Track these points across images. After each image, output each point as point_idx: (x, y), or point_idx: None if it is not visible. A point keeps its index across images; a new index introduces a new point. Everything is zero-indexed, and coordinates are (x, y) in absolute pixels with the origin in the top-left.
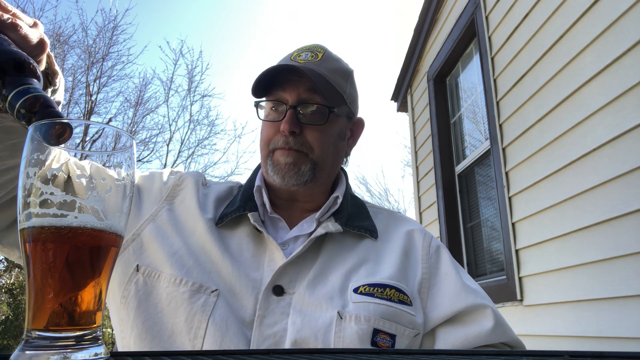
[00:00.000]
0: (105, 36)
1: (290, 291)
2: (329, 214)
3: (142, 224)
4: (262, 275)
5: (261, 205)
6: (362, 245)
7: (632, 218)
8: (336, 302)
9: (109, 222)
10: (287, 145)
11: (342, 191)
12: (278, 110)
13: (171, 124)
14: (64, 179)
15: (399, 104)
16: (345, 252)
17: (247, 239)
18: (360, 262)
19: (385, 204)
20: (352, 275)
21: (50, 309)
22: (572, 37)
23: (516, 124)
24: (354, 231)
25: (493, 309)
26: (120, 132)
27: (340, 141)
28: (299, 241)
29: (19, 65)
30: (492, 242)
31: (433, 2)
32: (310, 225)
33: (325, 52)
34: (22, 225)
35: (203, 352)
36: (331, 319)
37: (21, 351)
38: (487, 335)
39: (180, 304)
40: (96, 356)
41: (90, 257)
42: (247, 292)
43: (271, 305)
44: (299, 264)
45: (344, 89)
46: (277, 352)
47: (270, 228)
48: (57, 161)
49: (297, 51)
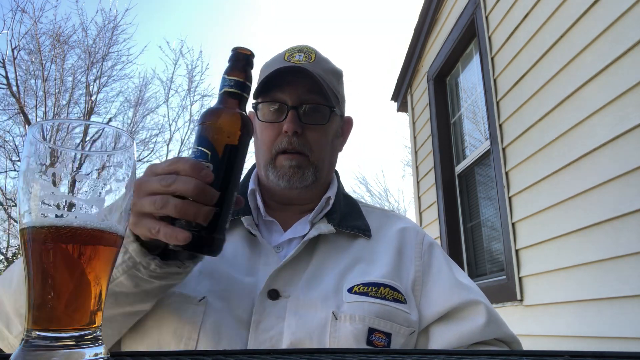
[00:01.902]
0: (105, 36)
1: (286, 294)
2: (322, 215)
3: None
4: (257, 279)
5: (255, 208)
6: (356, 244)
7: (632, 218)
8: (331, 302)
9: (109, 222)
10: (290, 146)
11: (334, 192)
12: (278, 112)
13: (171, 124)
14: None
15: (399, 104)
16: (339, 252)
17: (241, 242)
18: (354, 262)
19: (385, 204)
20: (346, 275)
21: (50, 309)
22: (572, 37)
23: (516, 124)
24: (347, 231)
25: (486, 305)
26: (120, 132)
27: (336, 140)
28: (292, 244)
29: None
30: (492, 242)
31: (433, 2)
32: (304, 227)
33: (317, 53)
34: (22, 225)
35: (203, 352)
36: (326, 320)
37: (21, 351)
38: (481, 331)
39: (166, 317)
40: (96, 356)
41: (90, 257)
42: (243, 297)
43: (267, 310)
44: (293, 266)
45: (337, 89)
46: (277, 352)
47: (265, 231)
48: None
49: (288, 52)
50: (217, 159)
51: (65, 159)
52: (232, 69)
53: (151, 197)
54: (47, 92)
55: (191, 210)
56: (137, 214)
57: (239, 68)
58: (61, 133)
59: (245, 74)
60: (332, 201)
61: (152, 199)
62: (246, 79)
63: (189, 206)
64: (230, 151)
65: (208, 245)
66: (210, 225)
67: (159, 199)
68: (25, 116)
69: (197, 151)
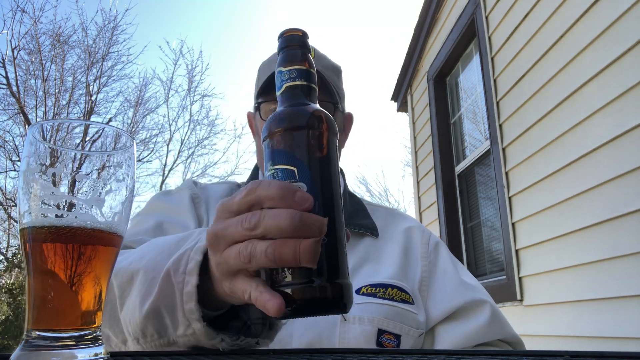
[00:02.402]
0: (105, 36)
1: None
2: None
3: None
4: None
5: None
6: (362, 243)
7: (632, 218)
8: None
9: (109, 222)
10: None
11: None
12: None
13: (171, 124)
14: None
15: (399, 104)
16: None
17: None
18: (361, 262)
19: (386, 204)
20: (354, 275)
21: (50, 309)
22: (572, 37)
23: (516, 124)
24: (355, 230)
25: (491, 304)
26: (120, 132)
27: (340, 137)
28: None
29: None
30: (492, 242)
31: (433, 2)
32: None
33: (315, 50)
34: (22, 225)
35: (203, 352)
36: (334, 322)
37: (21, 351)
38: (485, 330)
39: None
40: (96, 356)
41: (90, 257)
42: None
43: None
44: None
45: (338, 85)
46: (277, 352)
47: None
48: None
49: None
50: (307, 174)
51: (65, 159)
52: (288, 58)
53: (235, 246)
54: (47, 92)
55: (290, 252)
56: (224, 274)
57: (297, 55)
58: (61, 133)
59: (306, 60)
60: None
61: (236, 251)
62: (309, 65)
63: (287, 248)
64: (321, 160)
65: (332, 300)
66: (328, 268)
67: (243, 249)
68: (25, 116)
69: (276, 172)
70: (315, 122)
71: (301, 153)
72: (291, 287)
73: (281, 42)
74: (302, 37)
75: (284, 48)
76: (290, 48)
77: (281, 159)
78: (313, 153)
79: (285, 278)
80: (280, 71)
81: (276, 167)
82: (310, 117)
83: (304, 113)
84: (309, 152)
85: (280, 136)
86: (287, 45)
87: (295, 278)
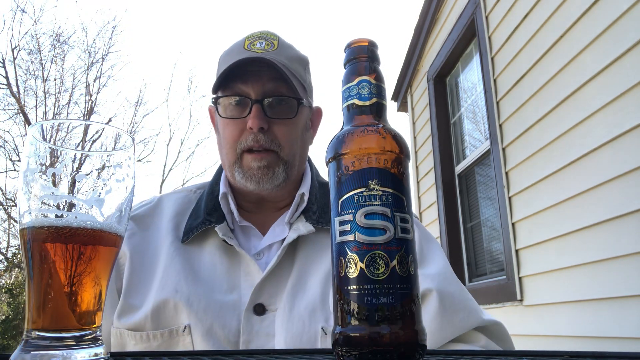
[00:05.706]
0: (105, 36)
1: (272, 307)
2: (298, 213)
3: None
4: (240, 294)
5: (228, 213)
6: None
7: (632, 218)
8: (318, 315)
9: (109, 222)
10: (257, 144)
11: (307, 186)
12: (240, 106)
13: (171, 124)
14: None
15: (399, 104)
16: (321, 252)
17: (218, 253)
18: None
19: None
20: (330, 279)
21: (50, 309)
22: (572, 37)
23: (516, 124)
24: (327, 227)
25: (438, 291)
26: (120, 132)
27: (306, 133)
28: (273, 249)
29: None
30: (492, 242)
31: (433, 2)
32: (282, 229)
33: (279, 40)
34: (22, 225)
35: (203, 353)
36: (315, 335)
37: (21, 351)
38: (438, 324)
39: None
40: (96, 356)
41: (90, 257)
42: (227, 317)
43: (254, 327)
44: (276, 276)
45: (304, 77)
46: (277, 352)
47: (242, 237)
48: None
49: (248, 39)
50: (410, 207)
51: (65, 159)
52: (355, 71)
53: None
54: (47, 92)
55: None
56: None
57: (365, 67)
58: (61, 133)
59: (375, 73)
60: (307, 197)
61: None
62: (378, 79)
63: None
64: (396, 186)
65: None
66: (403, 310)
67: None
68: (25, 116)
69: (386, 195)
70: (389, 146)
71: (407, 183)
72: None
73: (348, 53)
74: (368, 47)
75: (352, 59)
76: (357, 60)
77: (389, 184)
78: (389, 181)
79: (356, 325)
80: (347, 87)
81: (385, 190)
82: (384, 141)
83: (374, 135)
84: (407, 185)
85: (395, 160)
86: (355, 57)
87: (368, 324)
